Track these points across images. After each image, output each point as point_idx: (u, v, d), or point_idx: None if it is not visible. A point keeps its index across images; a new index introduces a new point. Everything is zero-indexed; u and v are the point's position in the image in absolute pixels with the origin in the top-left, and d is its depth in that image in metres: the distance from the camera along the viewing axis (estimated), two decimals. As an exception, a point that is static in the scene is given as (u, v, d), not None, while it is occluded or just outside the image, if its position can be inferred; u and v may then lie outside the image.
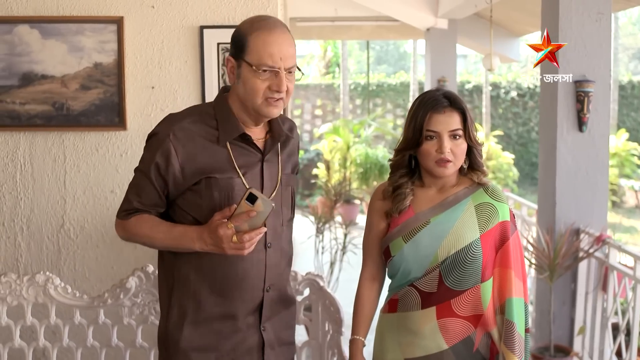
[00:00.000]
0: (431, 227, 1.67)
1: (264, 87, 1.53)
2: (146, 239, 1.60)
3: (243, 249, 1.46)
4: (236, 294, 1.59)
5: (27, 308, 2.17)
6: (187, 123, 1.57)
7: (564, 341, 3.53)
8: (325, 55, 14.95)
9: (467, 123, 1.66)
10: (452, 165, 1.66)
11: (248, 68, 1.53)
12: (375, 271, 1.79)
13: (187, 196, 1.57)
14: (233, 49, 1.56)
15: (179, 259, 1.59)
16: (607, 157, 3.57)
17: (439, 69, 7.07)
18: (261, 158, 1.61)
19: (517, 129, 12.99)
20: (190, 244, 1.52)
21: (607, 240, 3.34)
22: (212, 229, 1.48)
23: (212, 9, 2.77)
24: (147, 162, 1.57)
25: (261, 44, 1.52)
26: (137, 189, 1.59)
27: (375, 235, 1.76)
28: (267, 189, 1.61)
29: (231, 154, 1.56)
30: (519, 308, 1.65)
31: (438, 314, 1.65)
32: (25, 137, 2.81)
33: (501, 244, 1.68)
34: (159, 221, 1.59)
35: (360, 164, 9.22)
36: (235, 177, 1.56)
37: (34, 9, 2.76)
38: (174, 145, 1.53)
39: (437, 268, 1.66)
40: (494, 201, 1.70)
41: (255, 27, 1.54)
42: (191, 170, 1.55)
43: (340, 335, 2.10)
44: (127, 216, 1.60)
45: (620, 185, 10.45)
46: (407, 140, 1.69)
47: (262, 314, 1.63)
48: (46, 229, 2.84)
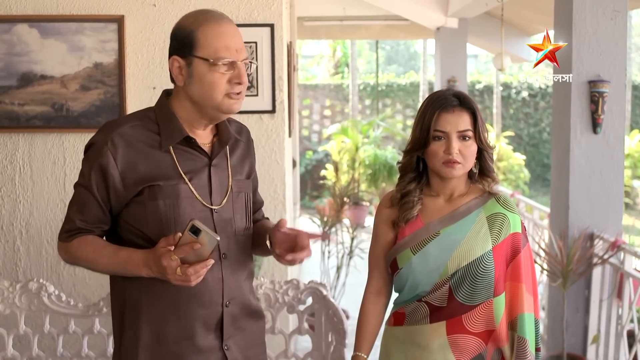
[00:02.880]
0: (441, 239, 1.59)
1: (223, 82, 1.44)
2: (90, 264, 1.49)
3: (189, 282, 1.35)
4: (192, 311, 1.47)
5: (21, 317, 2.11)
6: (125, 129, 1.46)
7: (577, 350, 3.44)
8: (335, 55, 14.87)
9: (477, 124, 1.58)
10: (460, 167, 1.58)
11: (202, 63, 1.42)
12: (382, 285, 1.71)
13: (131, 209, 1.46)
14: (178, 47, 1.45)
15: (129, 279, 1.48)
16: (622, 160, 3.48)
17: (449, 68, 6.98)
18: (208, 162, 1.50)
19: (529, 129, 12.86)
20: (136, 269, 1.41)
21: (623, 245, 3.25)
22: (156, 257, 1.36)
23: (214, 7, 2.67)
24: (87, 175, 1.46)
25: (214, 36, 1.42)
26: (79, 206, 1.47)
27: (382, 246, 1.68)
28: (215, 194, 1.50)
29: (175, 159, 1.46)
30: (530, 324, 1.58)
31: (448, 329, 1.57)
32: (25, 138, 2.77)
33: (512, 257, 1.60)
34: (102, 244, 1.48)
35: (369, 165, 9.13)
36: (181, 183, 1.45)
37: (33, 8, 2.72)
38: (112, 154, 1.43)
39: (446, 282, 1.57)
40: (506, 211, 1.62)
41: (201, 20, 1.44)
42: (132, 179, 1.44)
43: (343, 348, 2.03)
44: (69, 238, 1.49)
45: (634, 186, 10.32)
46: (415, 140, 1.62)
47: (224, 332, 1.51)
48: (46, 233, 2.80)
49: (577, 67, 3.33)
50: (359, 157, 9.20)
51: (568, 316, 3.37)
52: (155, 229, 1.43)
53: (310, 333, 2.15)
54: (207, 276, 1.43)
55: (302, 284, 2.10)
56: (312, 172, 10.53)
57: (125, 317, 1.50)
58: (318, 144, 11.30)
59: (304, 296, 2.11)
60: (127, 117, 1.54)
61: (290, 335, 2.22)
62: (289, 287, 2.11)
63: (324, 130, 10.87)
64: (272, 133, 2.85)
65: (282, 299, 2.12)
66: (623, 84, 3.41)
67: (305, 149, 11.03)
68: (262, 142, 2.84)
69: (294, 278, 2.19)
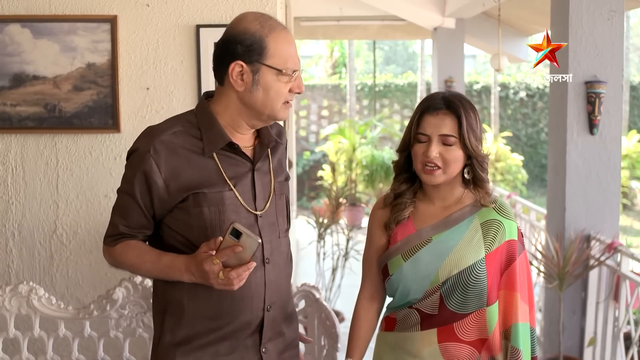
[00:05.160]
0: (432, 246, 1.56)
1: (286, 91, 1.44)
2: (133, 268, 1.50)
3: (232, 285, 1.35)
4: (234, 316, 1.47)
5: (10, 320, 2.08)
6: (168, 135, 1.44)
7: (573, 352, 3.43)
8: (332, 55, 14.85)
9: (462, 129, 1.52)
10: (440, 173, 1.53)
11: (271, 72, 1.41)
12: (375, 290, 1.68)
13: (175, 215, 1.46)
14: (243, 52, 1.41)
15: (172, 283, 1.48)
16: (619, 161, 3.47)
17: (447, 69, 6.97)
18: (251, 167, 1.50)
19: (526, 130, 12.85)
20: (178, 275, 1.41)
21: (619, 247, 3.23)
22: (198, 262, 1.36)
23: (208, 8, 2.68)
24: (130, 182, 1.45)
25: (284, 46, 1.42)
26: (122, 211, 1.48)
27: (375, 251, 1.66)
28: (259, 199, 1.50)
29: (219, 165, 1.45)
30: (524, 334, 1.55)
31: (439, 337, 1.54)
32: (17, 139, 2.75)
33: (507, 265, 1.56)
34: (146, 249, 1.49)
35: (366, 165, 9.12)
36: (226, 190, 1.44)
37: (25, 8, 2.69)
38: (156, 161, 1.42)
39: (437, 290, 1.55)
40: (502, 217, 1.58)
41: (269, 26, 1.43)
42: (176, 187, 1.43)
43: (336, 351, 2.01)
44: (113, 242, 1.50)
45: (631, 187, 10.31)
46: (403, 140, 1.61)
47: (263, 335, 1.51)
48: (38, 235, 2.77)
49: (574, 67, 3.32)
50: (356, 158, 9.19)
51: (564, 318, 3.36)
52: (199, 235, 1.42)
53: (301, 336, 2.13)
54: (250, 281, 1.43)
55: (295, 287, 2.07)
56: (309, 173, 10.51)
57: (166, 318, 1.51)
58: (315, 144, 11.28)
59: (296, 299, 2.08)
60: (168, 122, 1.51)
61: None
62: (282, 290, 2.09)
63: (322, 131, 10.86)
64: (267, 134, 2.83)
65: (275, 301, 2.09)
66: (620, 84, 3.40)
67: (302, 149, 11.01)
68: (257, 143, 2.82)
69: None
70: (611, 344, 3.32)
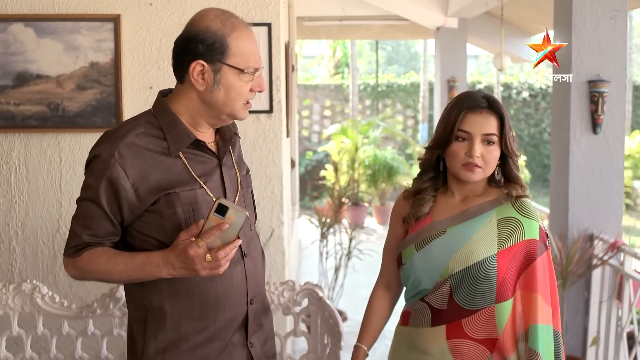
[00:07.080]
0: (445, 238, 1.55)
1: (247, 90, 1.42)
2: (104, 275, 1.42)
3: (219, 267, 1.32)
4: (220, 314, 1.46)
5: (14, 318, 2.08)
6: (131, 138, 1.39)
7: (576, 352, 3.42)
8: (335, 55, 14.85)
9: (504, 129, 1.52)
10: (480, 172, 1.53)
11: (232, 72, 1.39)
12: (391, 280, 1.70)
13: (146, 219, 1.41)
14: (204, 51, 1.38)
15: (147, 287, 1.44)
16: (622, 160, 3.45)
17: (449, 69, 6.97)
18: (218, 163, 1.48)
19: (529, 130, 12.83)
20: (156, 271, 1.35)
21: (622, 247, 3.23)
22: (180, 250, 1.31)
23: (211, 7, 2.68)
24: (94, 189, 1.38)
25: (246, 45, 1.40)
26: (85, 220, 1.41)
27: (393, 240, 1.67)
28: (230, 194, 1.49)
29: (187, 164, 1.42)
30: (545, 336, 1.49)
31: (448, 333, 1.54)
32: (20, 138, 2.75)
33: (526, 264, 1.52)
34: (115, 252, 1.42)
35: (369, 165, 9.11)
36: (197, 188, 1.41)
37: (28, 7, 2.70)
38: (122, 165, 1.36)
39: (447, 282, 1.54)
40: (521, 216, 1.55)
41: (230, 25, 1.40)
42: (146, 190, 1.38)
43: (339, 350, 2.00)
44: (77, 253, 1.42)
45: (635, 187, 10.29)
46: (437, 138, 1.58)
47: (248, 329, 1.51)
48: (41, 233, 2.78)
49: (577, 67, 3.31)
50: (359, 158, 9.18)
51: (567, 318, 3.35)
52: (174, 236, 1.38)
53: (306, 335, 2.14)
54: (232, 276, 1.43)
55: (298, 285, 2.07)
56: (312, 173, 10.50)
57: (148, 327, 1.45)
58: (318, 144, 11.27)
59: (299, 298, 2.09)
60: (127, 124, 1.45)
61: (286, 337, 2.20)
62: (284, 288, 2.09)
63: (324, 131, 10.85)
64: (270, 133, 2.84)
65: (278, 300, 2.10)
66: (623, 84, 3.39)
67: (305, 149, 11.00)
68: (260, 142, 2.82)
69: (289, 279, 2.17)
70: (614, 344, 3.31)
